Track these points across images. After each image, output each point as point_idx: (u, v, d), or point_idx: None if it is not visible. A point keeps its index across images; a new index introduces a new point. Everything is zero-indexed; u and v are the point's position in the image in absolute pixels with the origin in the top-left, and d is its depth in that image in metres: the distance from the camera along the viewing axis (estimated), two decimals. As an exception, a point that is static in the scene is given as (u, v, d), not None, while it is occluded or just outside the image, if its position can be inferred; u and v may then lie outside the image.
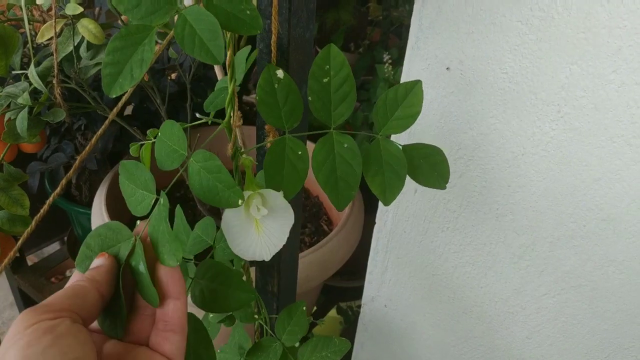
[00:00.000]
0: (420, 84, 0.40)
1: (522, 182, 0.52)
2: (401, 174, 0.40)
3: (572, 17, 0.43)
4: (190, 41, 0.30)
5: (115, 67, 0.30)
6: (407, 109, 0.40)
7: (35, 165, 0.94)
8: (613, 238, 0.49)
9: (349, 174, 0.39)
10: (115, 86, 0.30)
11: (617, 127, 0.44)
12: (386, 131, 0.41)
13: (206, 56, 0.30)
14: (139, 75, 0.30)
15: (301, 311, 0.51)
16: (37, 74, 0.63)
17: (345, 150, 0.39)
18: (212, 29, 0.30)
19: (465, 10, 0.48)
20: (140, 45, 0.30)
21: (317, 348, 0.52)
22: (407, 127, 0.41)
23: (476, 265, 0.61)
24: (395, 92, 0.40)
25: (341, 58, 0.38)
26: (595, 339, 0.55)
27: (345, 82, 0.38)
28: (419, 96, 0.40)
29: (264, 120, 0.38)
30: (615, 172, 0.46)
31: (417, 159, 0.42)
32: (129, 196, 0.36)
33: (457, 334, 0.69)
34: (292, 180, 0.38)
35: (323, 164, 0.38)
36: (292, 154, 0.38)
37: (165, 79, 0.94)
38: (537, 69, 0.46)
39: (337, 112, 0.39)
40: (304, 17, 0.42)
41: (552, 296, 0.56)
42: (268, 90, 0.37)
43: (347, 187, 0.39)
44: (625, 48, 0.41)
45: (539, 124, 0.49)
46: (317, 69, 0.38)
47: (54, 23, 0.60)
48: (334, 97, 0.38)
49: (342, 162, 0.38)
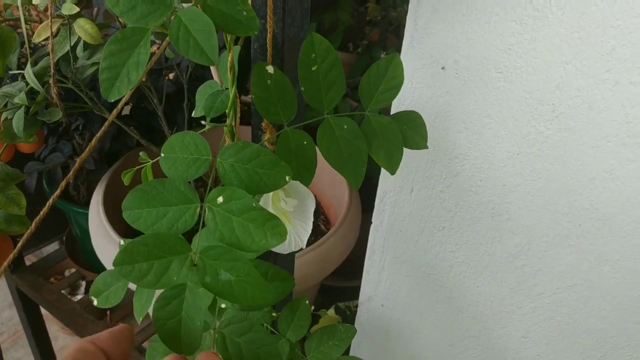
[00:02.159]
0: (398, 57, 0.43)
1: (518, 182, 0.52)
2: (397, 142, 0.43)
3: (566, 17, 0.43)
4: (185, 42, 0.30)
5: (112, 72, 0.30)
6: (390, 81, 0.42)
7: (32, 165, 0.94)
8: (608, 237, 0.49)
9: (355, 153, 0.40)
10: (113, 90, 0.30)
11: (612, 126, 0.44)
12: (373, 106, 0.43)
13: (200, 57, 0.30)
14: (135, 79, 0.30)
15: (304, 305, 0.52)
16: (34, 73, 0.63)
17: (345, 131, 0.40)
18: (207, 29, 0.30)
19: (460, 9, 0.48)
20: (136, 48, 0.30)
21: (324, 339, 0.52)
22: (392, 98, 0.43)
23: (472, 264, 0.61)
24: (377, 67, 0.42)
25: (326, 44, 0.39)
26: (591, 338, 0.55)
27: (333, 67, 0.39)
28: (399, 67, 0.42)
29: (263, 117, 0.38)
30: (610, 171, 0.46)
31: (402, 125, 0.45)
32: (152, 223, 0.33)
33: (453, 333, 0.69)
34: (305, 167, 0.39)
35: (330, 149, 0.40)
36: (297, 145, 0.39)
37: (162, 79, 0.94)
38: (532, 68, 0.46)
39: (328, 97, 0.40)
40: (298, 17, 0.42)
41: (548, 295, 0.56)
42: (262, 87, 0.38)
43: (359, 164, 0.40)
44: (619, 47, 0.41)
45: (534, 124, 0.49)
46: (304, 58, 0.38)
47: (50, 23, 0.60)
48: (324, 83, 0.39)
49: (347, 143, 0.40)
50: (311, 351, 0.52)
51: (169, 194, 0.33)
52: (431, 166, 0.59)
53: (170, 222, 0.32)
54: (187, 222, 0.32)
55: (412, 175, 0.61)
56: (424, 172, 0.60)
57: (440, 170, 0.58)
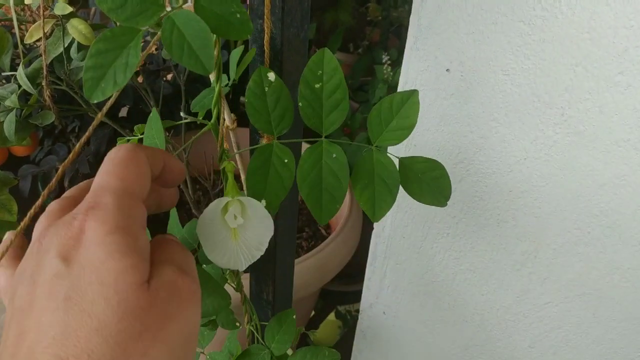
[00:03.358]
0: (416, 94, 0.38)
1: (525, 187, 0.51)
2: (393, 189, 0.38)
3: (577, 17, 0.41)
4: (179, 48, 0.28)
5: (98, 71, 0.28)
6: (402, 120, 0.38)
7: (27, 169, 0.93)
8: (619, 245, 0.47)
9: (334, 187, 0.37)
10: (97, 91, 0.28)
11: (623, 130, 0.43)
12: (380, 142, 0.39)
13: (195, 65, 0.28)
14: (122, 81, 0.28)
15: (290, 320, 0.51)
16: (26, 75, 0.61)
17: (333, 160, 0.37)
18: (203, 35, 0.28)
19: (465, 9, 0.47)
20: (125, 49, 0.28)
21: (307, 357, 0.51)
22: (402, 139, 0.38)
23: (477, 272, 0.60)
24: (391, 102, 0.38)
25: (334, 64, 0.36)
26: (600, 349, 0.54)
27: (337, 89, 0.36)
28: (415, 107, 0.38)
29: (252, 124, 0.36)
30: (621, 177, 0.45)
31: (414, 172, 0.39)
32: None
33: (457, 342, 0.67)
34: (275, 189, 0.36)
35: (309, 174, 0.36)
36: (277, 162, 0.36)
37: (159, 81, 0.93)
38: (540, 70, 0.45)
39: (328, 120, 0.37)
40: (298, 17, 0.41)
41: (556, 304, 0.55)
42: (258, 93, 0.35)
43: (332, 201, 0.37)
44: (632, 49, 0.40)
45: (541, 128, 0.47)
46: (309, 74, 0.36)
47: (42, 23, 0.58)
48: (326, 104, 0.37)
49: (329, 173, 0.37)
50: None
51: None
52: (435, 171, 0.57)
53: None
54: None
55: (415, 180, 0.60)
56: (427, 177, 0.58)
57: (444, 175, 0.57)
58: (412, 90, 0.39)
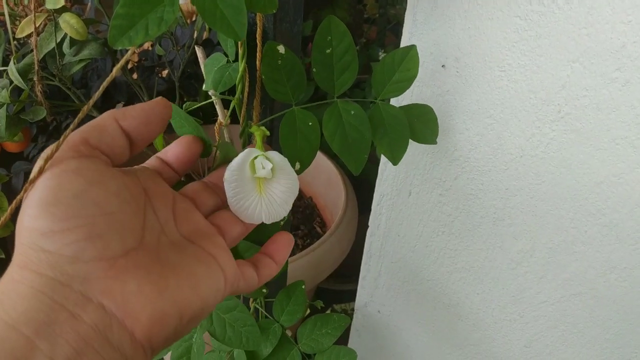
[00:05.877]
0: (415, 49, 0.43)
1: (521, 185, 0.50)
2: (404, 134, 0.43)
3: (574, 12, 0.40)
4: (211, 15, 0.28)
5: (127, 20, 0.27)
6: (403, 72, 0.43)
7: (20, 165, 0.92)
8: (615, 244, 0.47)
9: (359, 139, 0.41)
10: (123, 39, 0.27)
11: (621, 128, 0.42)
12: (384, 95, 0.43)
13: (227, 31, 0.28)
14: (155, 33, 0.27)
15: (300, 290, 0.51)
16: (18, 70, 0.61)
17: (352, 117, 0.41)
18: (236, 4, 0.28)
19: (461, 4, 0.46)
20: (161, 4, 0.28)
21: (317, 326, 0.52)
22: (404, 90, 0.43)
23: (472, 270, 0.59)
24: (393, 58, 0.43)
25: (342, 28, 0.39)
26: (596, 349, 0.53)
27: (347, 52, 0.40)
28: (414, 60, 0.43)
29: (272, 97, 0.39)
30: (618, 175, 0.44)
31: (412, 117, 0.45)
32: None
33: (452, 342, 0.67)
34: (306, 150, 0.39)
35: (335, 133, 0.40)
36: (303, 125, 0.39)
37: (154, 77, 0.92)
38: (537, 66, 0.44)
39: (340, 81, 0.40)
40: (291, 11, 0.40)
41: (552, 304, 0.54)
42: (273, 66, 0.38)
43: (361, 151, 0.41)
44: (629, 45, 0.39)
45: (538, 125, 0.46)
46: (320, 40, 0.39)
47: (34, 17, 0.57)
48: (337, 67, 0.40)
49: (352, 129, 0.41)
50: (303, 338, 0.52)
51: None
52: (430, 168, 0.57)
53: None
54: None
55: (410, 178, 0.59)
56: (422, 175, 0.58)
57: (439, 172, 0.56)
58: (411, 46, 0.43)
